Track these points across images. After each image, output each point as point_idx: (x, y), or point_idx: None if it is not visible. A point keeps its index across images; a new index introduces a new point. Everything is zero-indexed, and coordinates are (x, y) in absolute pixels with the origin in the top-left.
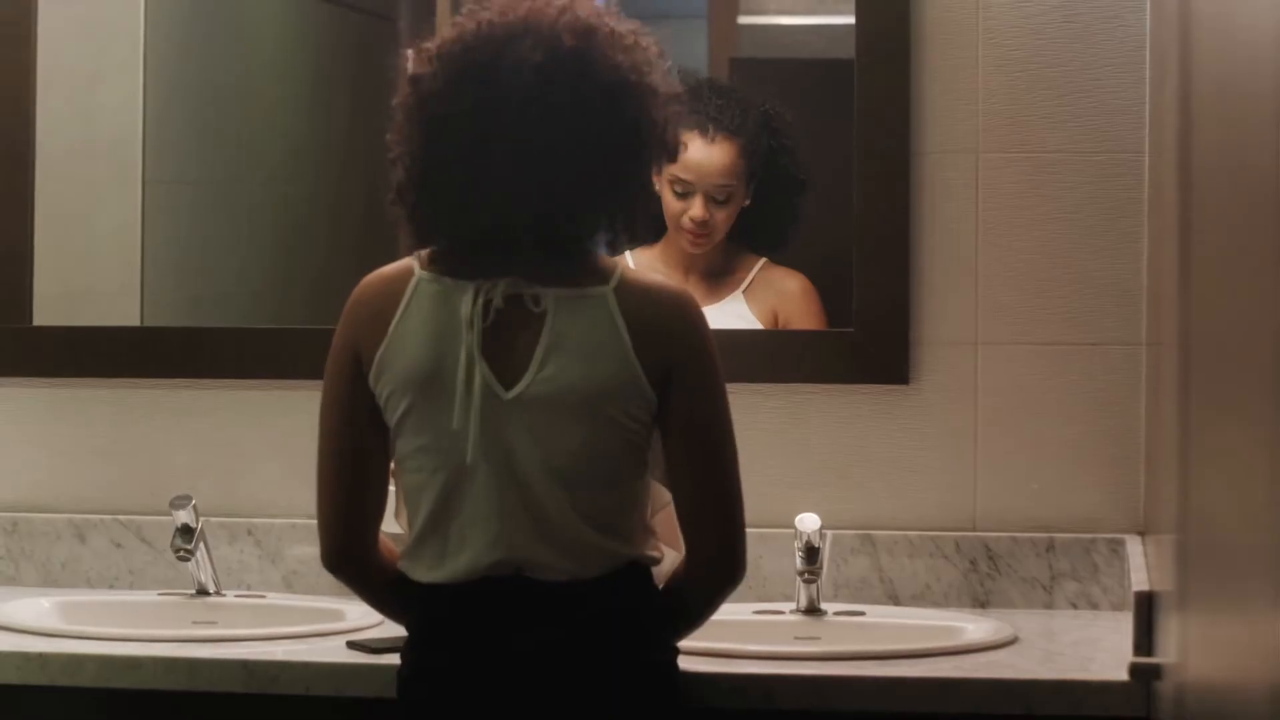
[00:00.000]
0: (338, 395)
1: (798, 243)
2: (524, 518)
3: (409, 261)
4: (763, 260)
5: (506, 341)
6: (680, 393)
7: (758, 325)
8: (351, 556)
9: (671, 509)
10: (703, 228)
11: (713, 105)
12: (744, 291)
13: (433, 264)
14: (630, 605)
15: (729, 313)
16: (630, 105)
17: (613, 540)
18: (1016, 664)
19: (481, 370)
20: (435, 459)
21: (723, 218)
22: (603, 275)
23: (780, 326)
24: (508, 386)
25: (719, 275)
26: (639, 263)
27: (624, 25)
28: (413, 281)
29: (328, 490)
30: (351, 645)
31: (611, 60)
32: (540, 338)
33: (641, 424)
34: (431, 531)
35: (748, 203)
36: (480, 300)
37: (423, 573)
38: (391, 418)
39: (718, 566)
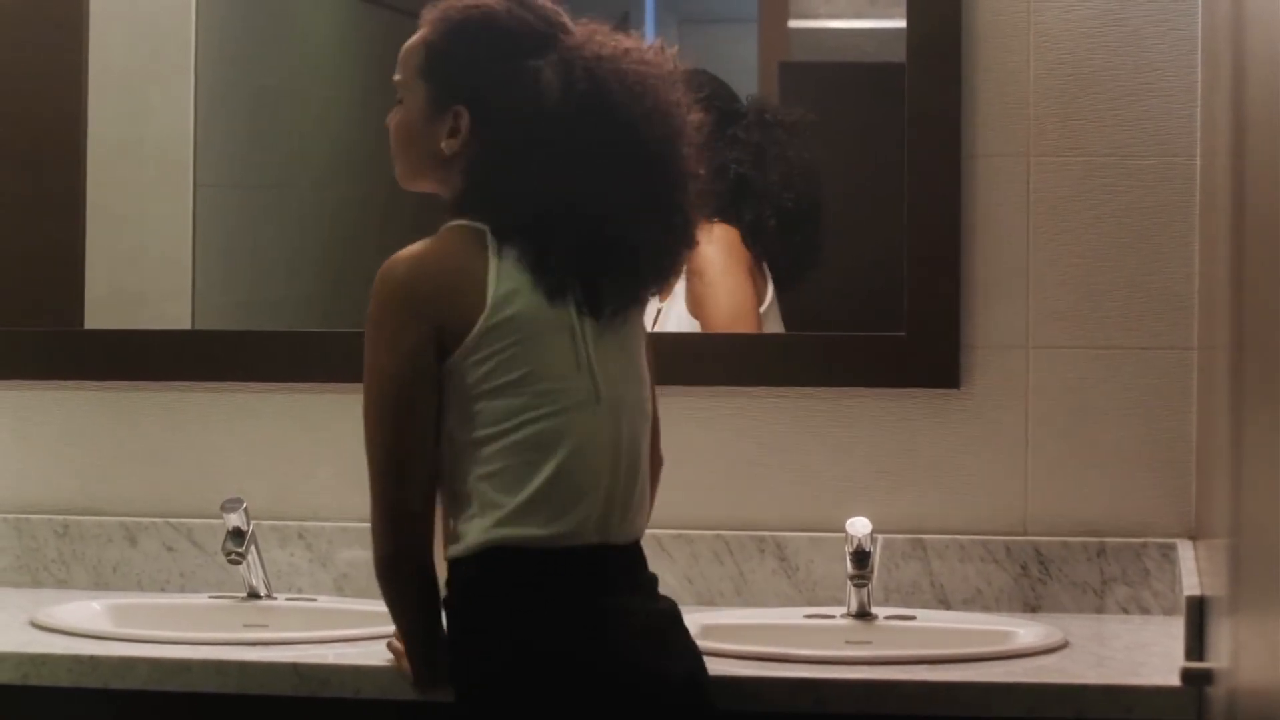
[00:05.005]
0: (401, 383)
1: (816, 275)
2: (625, 462)
3: (462, 234)
4: None
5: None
6: None
7: (695, 324)
8: (413, 554)
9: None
10: None
11: None
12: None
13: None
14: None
15: (671, 316)
16: (685, 148)
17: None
18: (1067, 668)
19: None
20: (557, 400)
21: None
22: None
23: (698, 280)
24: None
25: None
26: None
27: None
28: (492, 248)
29: (394, 483)
30: None
31: (673, 99)
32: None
33: None
34: (551, 482)
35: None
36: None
37: (537, 528)
38: (500, 377)
39: None
